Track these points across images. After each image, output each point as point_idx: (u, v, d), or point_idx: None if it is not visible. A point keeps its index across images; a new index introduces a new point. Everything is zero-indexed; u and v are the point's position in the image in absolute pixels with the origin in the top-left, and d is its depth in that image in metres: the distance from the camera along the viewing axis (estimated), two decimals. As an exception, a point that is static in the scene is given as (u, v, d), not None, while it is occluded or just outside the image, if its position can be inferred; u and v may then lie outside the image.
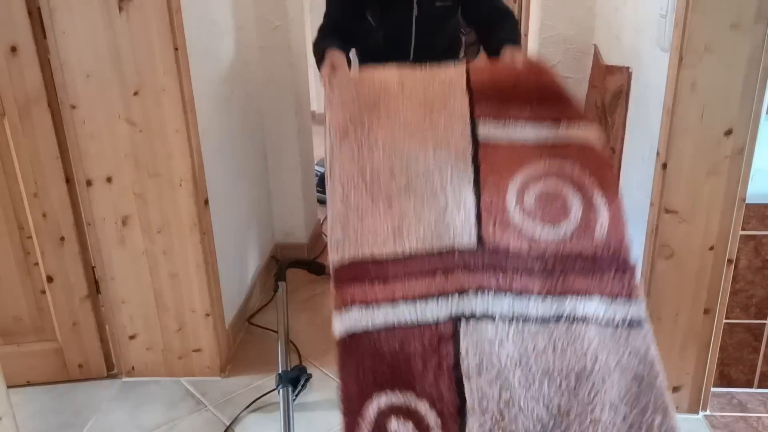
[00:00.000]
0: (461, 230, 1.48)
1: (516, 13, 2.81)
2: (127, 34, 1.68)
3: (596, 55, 2.37)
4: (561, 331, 1.33)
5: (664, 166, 1.59)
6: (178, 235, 1.88)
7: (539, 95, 1.69)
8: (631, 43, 1.98)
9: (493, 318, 1.35)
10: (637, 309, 1.36)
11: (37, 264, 1.90)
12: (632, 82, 1.97)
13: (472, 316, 1.36)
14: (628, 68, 1.99)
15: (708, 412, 1.83)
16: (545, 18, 2.45)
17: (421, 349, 1.35)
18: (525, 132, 1.63)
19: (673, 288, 1.69)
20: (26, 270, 1.90)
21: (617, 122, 2.07)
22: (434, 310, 1.38)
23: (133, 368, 2.05)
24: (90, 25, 1.67)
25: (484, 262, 1.43)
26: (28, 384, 2.02)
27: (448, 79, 1.77)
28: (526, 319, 1.36)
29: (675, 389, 1.80)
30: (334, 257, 1.49)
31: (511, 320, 1.35)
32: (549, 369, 1.30)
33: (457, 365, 1.31)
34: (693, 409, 1.82)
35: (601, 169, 1.55)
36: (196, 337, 2.01)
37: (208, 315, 1.98)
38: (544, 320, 1.35)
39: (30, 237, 1.86)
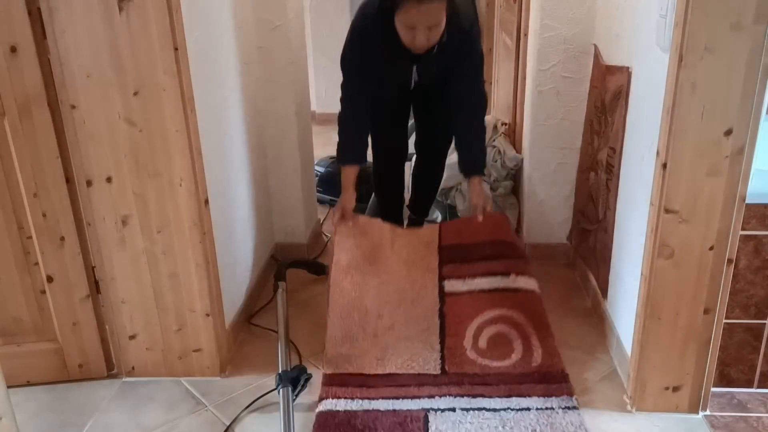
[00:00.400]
0: (431, 364, 2.01)
1: (516, 13, 2.81)
2: (127, 34, 1.68)
3: (596, 56, 2.37)
4: (509, 415, 1.82)
5: (664, 166, 1.59)
6: (178, 235, 1.88)
7: (492, 253, 2.29)
8: (631, 43, 1.98)
9: (454, 410, 1.84)
10: (571, 402, 1.87)
11: (37, 264, 1.90)
12: (632, 82, 1.97)
13: (438, 409, 1.84)
14: (628, 68, 1.99)
15: (708, 412, 1.83)
16: (545, 18, 2.45)
17: (395, 425, 1.79)
18: (481, 283, 2.22)
19: (673, 288, 1.69)
20: (26, 270, 1.90)
21: (617, 122, 2.07)
22: (408, 405, 1.86)
23: (133, 368, 2.06)
24: (90, 25, 1.67)
25: (448, 382, 1.95)
26: (28, 384, 2.02)
27: (426, 240, 2.38)
28: (480, 409, 1.85)
29: (675, 389, 1.80)
30: (327, 369, 2.00)
31: (468, 410, 1.84)
32: None
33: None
34: (693, 409, 1.82)
35: (538, 315, 2.14)
36: (196, 337, 2.01)
37: (208, 315, 1.98)
38: (495, 410, 1.84)
39: (30, 237, 1.86)
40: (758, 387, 1.92)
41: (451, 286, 2.23)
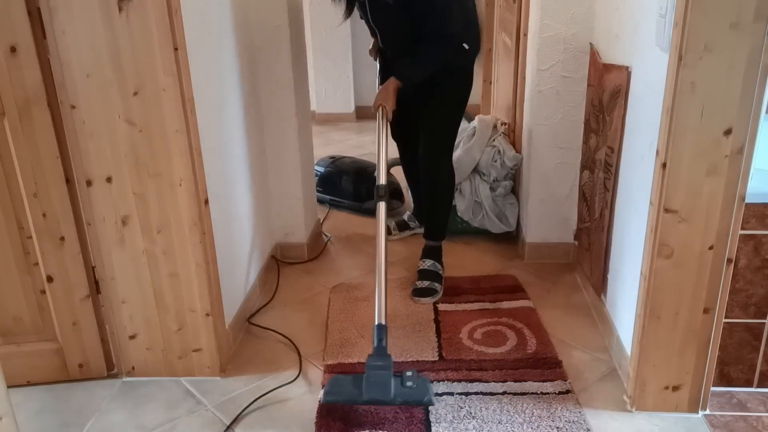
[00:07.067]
0: (428, 352, 2.14)
1: (515, 12, 2.81)
2: (126, 34, 1.68)
3: (593, 54, 2.37)
4: (505, 400, 1.89)
5: (664, 165, 1.59)
6: (178, 235, 1.88)
7: (485, 287, 2.54)
8: (631, 43, 1.98)
9: (452, 394, 1.92)
10: (566, 386, 1.95)
11: (37, 264, 1.90)
12: (632, 82, 1.97)
13: (436, 393, 1.90)
14: (627, 68, 1.99)
15: (708, 412, 1.84)
16: (545, 18, 2.45)
17: (396, 409, 1.83)
18: (470, 306, 2.42)
19: (673, 287, 1.70)
20: (26, 270, 1.90)
21: (615, 121, 2.07)
22: None
23: (133, 368, 2.06)
24: (90, 25, 1.67)
25: (446, 367, 2.05)
26: (28, 384, 2.02)
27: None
28: (477, 393, 1.92)
29: (675, 388, 1.81)
30: (328, 360, 2.11)
31: (467, 395, 1.92)
32: (499, 420, 1.80)
33: (427, 419, 1.81)
34: (693, 408, 1.83)
35: (533, 320, 2.29)
36: (196, 337, 2.01)
37: (208, 315, 1.98)
38: (492, 394, 1.92)
39: (30, 237, 1.86)
40: (758, 386, 1.92)
41: (444, 307, 2.43)
